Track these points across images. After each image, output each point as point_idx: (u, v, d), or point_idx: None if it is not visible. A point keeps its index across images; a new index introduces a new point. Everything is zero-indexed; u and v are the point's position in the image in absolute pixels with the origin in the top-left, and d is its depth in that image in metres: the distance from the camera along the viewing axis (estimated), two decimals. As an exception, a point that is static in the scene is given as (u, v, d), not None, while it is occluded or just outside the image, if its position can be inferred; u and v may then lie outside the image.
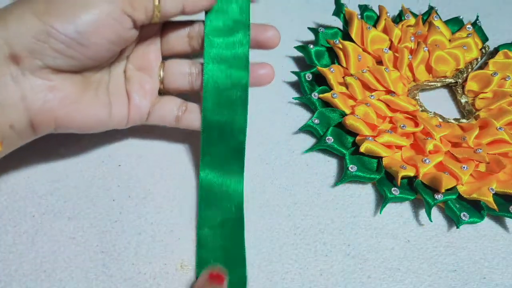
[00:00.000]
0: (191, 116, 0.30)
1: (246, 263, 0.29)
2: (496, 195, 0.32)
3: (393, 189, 0.32)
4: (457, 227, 0.31)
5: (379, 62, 0.39)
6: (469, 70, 0.41)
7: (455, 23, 0.44)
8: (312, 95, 0.37)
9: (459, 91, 0.40)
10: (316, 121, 0.35)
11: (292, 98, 0.38)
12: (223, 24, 0.29)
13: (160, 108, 0.30)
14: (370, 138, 0.33)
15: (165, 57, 0.31)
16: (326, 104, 0.37)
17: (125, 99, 0.29)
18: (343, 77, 0.37)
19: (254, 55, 0.41)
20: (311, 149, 0.35)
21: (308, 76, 0.38)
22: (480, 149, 0.33)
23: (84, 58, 0.25)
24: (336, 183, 0.33)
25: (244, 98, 0.30)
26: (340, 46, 0.38)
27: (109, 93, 0.28)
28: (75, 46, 0.24)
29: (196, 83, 0.30)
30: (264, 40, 0.30)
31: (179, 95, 0.31)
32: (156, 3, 0.25)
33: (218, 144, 0.30)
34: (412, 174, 0.33)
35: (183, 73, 0.30)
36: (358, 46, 0.39)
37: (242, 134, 0.30)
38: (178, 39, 0.30)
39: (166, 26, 0.30)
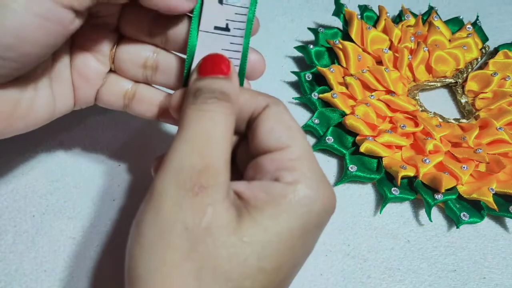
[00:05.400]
0: (140, 107, 0.27)
1: None
2: (496, 195, 0.32)
3: (393, 189, 0.32)
4: (457, 227, 0.31)
5: (379, 62, 0.39)
6: (469, 70, 0.41)
7: (455, 23, 0.44)
8: (312, 95, 0.37)
9: (459, 91, 0.40)
10: (316, 121, 0.35)
11: (292, 98, 0.38)
12: None
13: (105, 93, 0.26)
14: (370, 138, 0.33)
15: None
16: (326, 104, 0.37)
17: (69, 87, 0.25)
18: (343, 77, 0.37)
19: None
20: (311, 149, 0.35)
21: (308, 76, 0.38)
22: (480, 149, 0.33)
23: (13, 72, 0.21)
24: (336, 183, 0.33)
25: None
26: (340, 46, 0.38)
27: (52, 83, 0.25)
28: None
29: (152, 78, 0.26)
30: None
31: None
32: None
33: None
34: (412, 174, 0.33)
35: (137, 64, 0.26)
36: (358, 46, 0.39)
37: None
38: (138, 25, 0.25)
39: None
